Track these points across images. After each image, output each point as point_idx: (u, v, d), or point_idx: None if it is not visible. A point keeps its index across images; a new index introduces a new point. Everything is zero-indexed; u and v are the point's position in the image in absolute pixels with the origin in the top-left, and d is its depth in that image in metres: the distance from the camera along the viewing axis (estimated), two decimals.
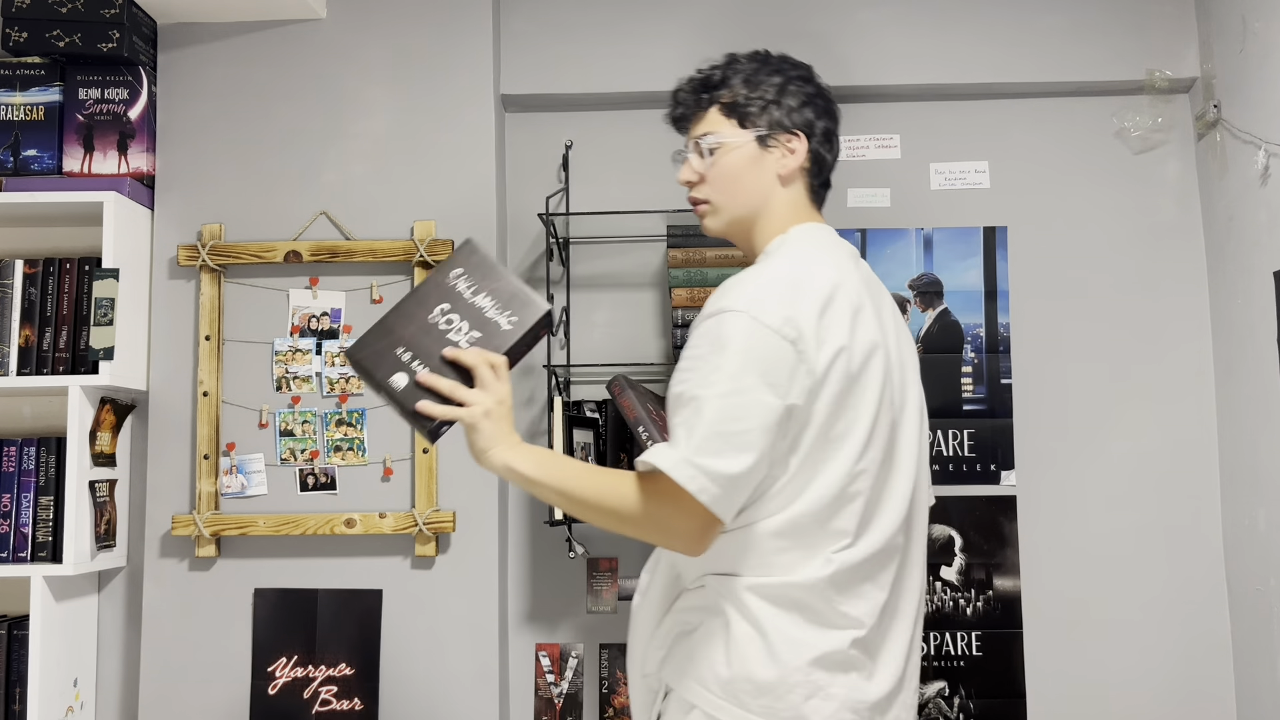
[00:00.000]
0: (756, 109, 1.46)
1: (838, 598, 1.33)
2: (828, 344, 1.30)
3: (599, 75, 2.39)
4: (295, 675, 2.19)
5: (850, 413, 1.33)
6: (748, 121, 1.47)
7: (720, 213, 1.49)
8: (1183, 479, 2.33)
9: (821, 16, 2.38)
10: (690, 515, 1.28)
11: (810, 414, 1.30)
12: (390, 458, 2.25)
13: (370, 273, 2.30)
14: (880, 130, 2.43)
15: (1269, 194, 2.04)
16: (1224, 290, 2.28)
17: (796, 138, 1.47)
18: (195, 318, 2.29)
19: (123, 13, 2.20)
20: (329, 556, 2.24)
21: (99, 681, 2.28)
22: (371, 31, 2.35)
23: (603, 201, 2.39)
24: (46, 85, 2.27)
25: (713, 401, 1.28)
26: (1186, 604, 2.30)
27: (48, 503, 2.14)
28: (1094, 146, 2.40)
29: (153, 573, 2.25)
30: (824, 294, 1.32)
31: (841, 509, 1.33)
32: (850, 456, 1.33)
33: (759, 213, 1.48)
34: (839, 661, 1.32)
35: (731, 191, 1.48)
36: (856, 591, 1.34)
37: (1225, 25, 2.21)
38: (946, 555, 2.33)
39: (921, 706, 2.30)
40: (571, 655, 2.33)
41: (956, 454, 2.35)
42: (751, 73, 1.48)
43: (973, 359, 2.37)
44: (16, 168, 2.24)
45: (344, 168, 2.32)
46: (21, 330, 2.17)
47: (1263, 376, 2.09)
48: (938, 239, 2.39)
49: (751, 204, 1.47)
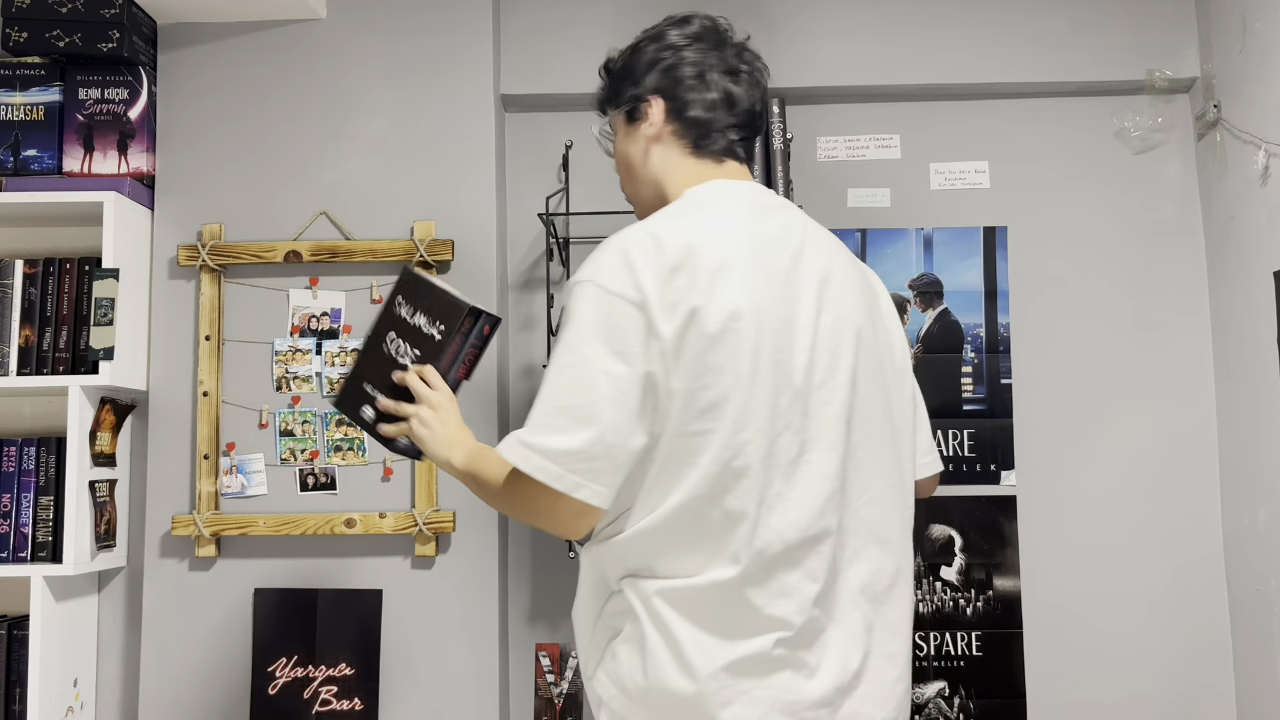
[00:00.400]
0: (617, 90, 1.49)
1: (757, 597, 1.25)
2: (680, 306, 1.24)
3: (599, 75, 2.38)
4: (295, 675, 2.19)
5: (717, 379, 1.25)
6: (612, 104, 1.50)
7: (633, 199, 1.51)
8: (1183, 479, 2.33)
9: (821, 16, 2.38)
10: (544, 496, 1.24)
11: (671, 383, 1.24)
12: (390, 458, 2.25)
13: (370, 273, 2.30)
14: (880, 130, 2.43)
15: (1269, 194, 2.04)
16: (1224, 290, 2.28)
17: (648, 102, 1.44)
18: (195, 318, 2.29)
19: (123, 13, 2.20)
20: (329, 556, 2.24)
21: (99, 681, 2.28)
22: (371, 31, 2.35)
23: (603, 201, 2.39)
24: (46, 85, 2.27)
25: (554, 376, 1.26)
26: (1186, 604, 2.30)
27: (48, 503, 2.14)
28: (1094, 146, 2.41)
29: (153, 573, 2.25)
30: (676, 254, 1.26)
31: (732, 486, 1.25)
32: (727, 428, 1.24)
33: (658, 186, 1.45)
34: (762, 664, 1.25)
35: (627, 175, 1.50)
36: (779, 587, 1.26)
37: (1225, 25, 2.21)
38: (946, 555, 2.33)
39: (921, 707, 2.30)
40: (571, 655, 2.33)
41: (956, 454, 2.35)
42: (625, 51, 1.51)
43: (973, 359, 2.37)
44: (16, 168, 2.24)
45: (344, 168, 2.32)
46: (21, 330, 2.17)
47: (1263, 376, 2.09)
48: (938, 239, 2.39)
49: (647, 180, 1.46)
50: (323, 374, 2.27)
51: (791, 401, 1.28)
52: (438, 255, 2.26)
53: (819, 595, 1.28)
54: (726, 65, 1.45)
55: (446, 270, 2.29)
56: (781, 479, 1.27)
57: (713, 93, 1.43)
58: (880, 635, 1.33)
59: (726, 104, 1.44)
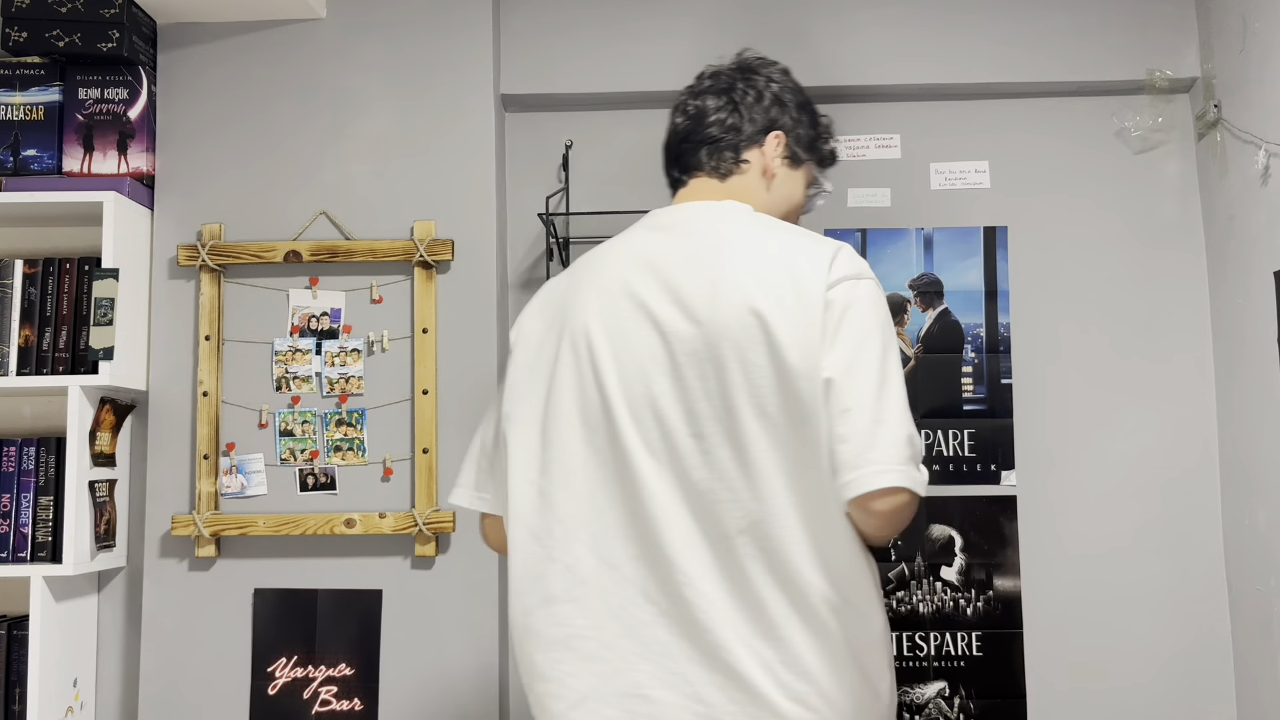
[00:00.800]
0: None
1: (532, 616, 1.36)
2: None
3: (599, 75, 2.39)
4: (295, 675, 2.19)
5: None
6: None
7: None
8: (1183, 479, 2.33)
9: (821, 16, 2.38)
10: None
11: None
12: (390, 458, 2.25)
13: (370, 273, 2.30)
14: (880, 130, 2.43)
15: (1269, 194, 2.04)
16: (1224, 290, 2.28)
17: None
18: (195, 318, 2.29)
19: (122, 13, 2.20)
20: (329, 556, 2.24)
21: (99, 681, 2.28)
22: (371, 31, 2.35)
23: (603, 201, 2.39)
24: (46, 85, 2.27)
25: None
26: (1186, 604, 2.30)
27: (47, 503, 2.14)
28: (1094, 146, 2.40)
29: (153, 573, 2.25)
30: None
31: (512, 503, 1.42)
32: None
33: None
34: (532, 674, 1.36)
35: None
36: (535, 592, 1.36)
37: (1225, 25, 2.21)
38: (946, 555, 2.33)
39: (921, 707, 2.30)
40: None
41: (956, 454, 2.35)
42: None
43: (973, 359, 2.37)
44: (16, 168, 2.24)
45: (344, 167, 2.32)
46: (21, 330, 2.17)
47: (1263, 376, 2.09)
48: (938, 239, 2.39)
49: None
50: (322, 374, 2.27)
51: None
52: (437, 255, 2.26)
53: (553, 608, 1.46)
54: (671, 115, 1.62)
55: (446, 270, 2.29)
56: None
57: (672, 131, 1.61)
58: (627, 649, 1.40)
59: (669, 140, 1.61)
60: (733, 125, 1.50)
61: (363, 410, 2.26)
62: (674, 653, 1.28)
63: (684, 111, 1.54)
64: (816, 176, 1.58)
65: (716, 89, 1.53)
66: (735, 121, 1.50)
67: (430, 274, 2.27)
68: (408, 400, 2.26)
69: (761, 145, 1.51)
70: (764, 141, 1.51)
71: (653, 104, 2.42)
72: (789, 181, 1.53)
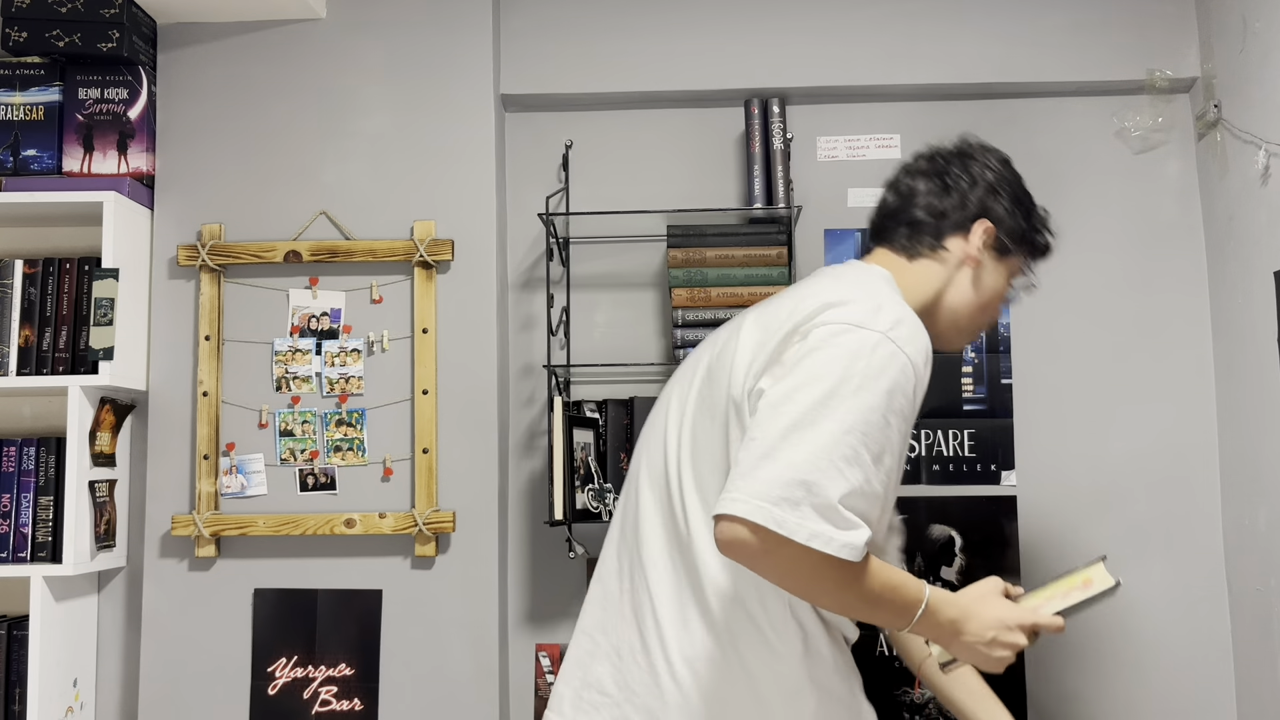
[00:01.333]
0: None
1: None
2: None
3: (599, 75, 2.39)
4: (295, 675, 2.19)
5: None
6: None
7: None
8: (1183, 479, 2.33)
9: (821, 15, 2.38)
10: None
11: None
12: (390, 458, 2.25)
13: (370, 273, 2.30)
14: (880, 130, 2.43)
15: (1269, 194, 2.04)
16: (1224, 290, 2.28)
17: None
18: (195, 318, 2.29)
19: (122, 13, 2.20)
20: (329, 556, 2.24)
21: (99, 681, 2.28)
22: (371, 31, 2.34)
23: (603, 201, 2.39)
24: (46, 85, 2.27)
25: None
26: (1186, 604, 2.30)
27: (47, 503, 2.14)
28: (1094, 146, 2.40)
29: (153, 573, 2.25)
30: None
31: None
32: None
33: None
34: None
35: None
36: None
37: (1225, 25, 2.21)
38: (946, 555, 2.33)
39: (922, 706, 2.30)
40: None
41: (956, 454, 2.35)
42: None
43: (973, 359, 2.37)
44: (16, 168, 2.24)
45: (343, 167, 2.32)
46: (21, 330, 2.17)
47: (1263, 376, 2.08)
48: None
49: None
50: (322, 374, 2.27)
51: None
52: (437, 255, 2.26)
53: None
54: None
55: (446, 270, 2.29)
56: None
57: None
58: (598, 635, 1.57)
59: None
60: (940, 210, 1.50)
61: (363, 410, 2.26)
62: None
63: (895, 189, 1.55)
64: (1025, 269, 1.58)
65: (931, 171, 1.53)
66: (943, 206, 1.50)
67: (430, 274, 2.27)
68: (408, 400, 2.26)
69: (967, 233, 1.50)
70: (971, 229, 1.50)
71: (652, 104, 2.43)
72: (993, 272, 1.53)
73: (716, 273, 2.27)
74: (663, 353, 2.40)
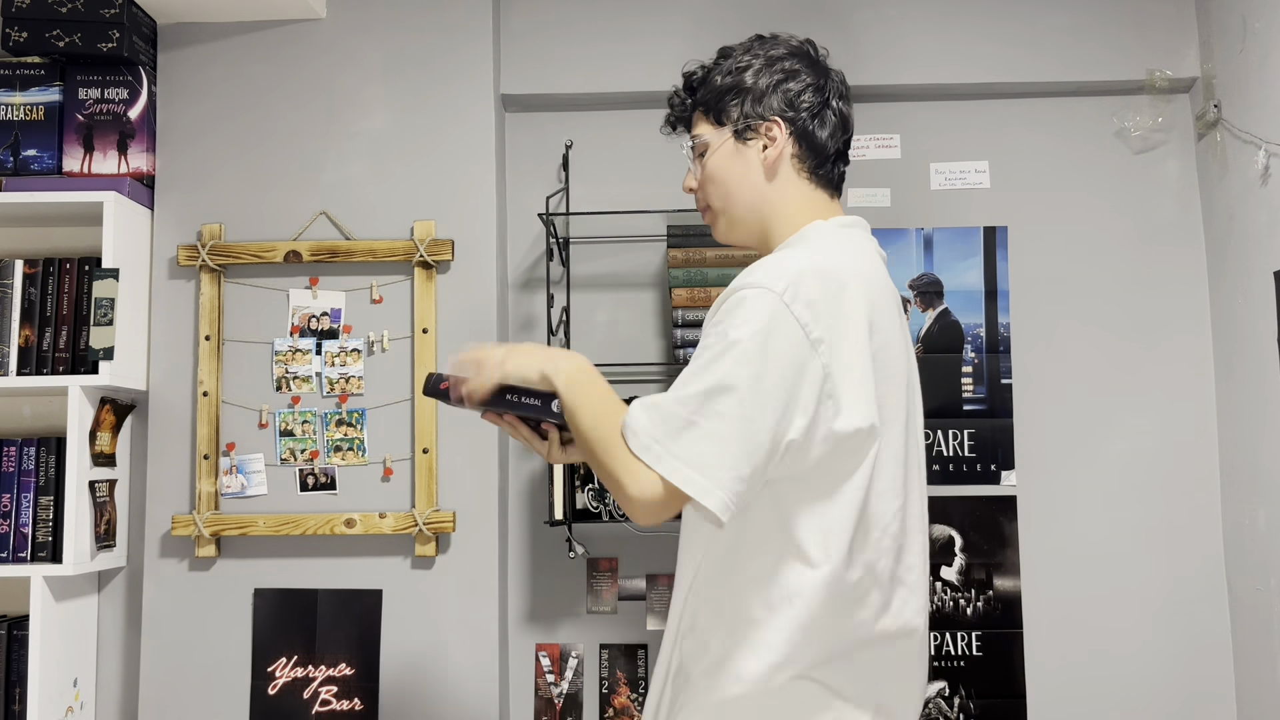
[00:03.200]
0: (730, 102, 1.40)
1: None
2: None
3: (599, 75, 2.39)
4: (295, 675, 2.19)
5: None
6: (723, 117, 1.41)
7: (719, 217, 1.45)
8: (1183, 479, 2.33)
9: (821, 16, 2.38)
10: None
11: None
12: (390, 458, 2.25)
13: (370, 273, 2.30)
14: (880, 130, 2.43)
15: (1269, 194, 2.04)
16: (1224, 290, 2.28)
17: (774, 124, 1.39)
18: (195, 318, 2.29)
19: (123, 13, 2.20)
20: (329, 556, 2.24)
21: (99, 681, 2.28)
22: (371, 31, 2.35)
23: (603, 201, 2.39)
24: (46, 85, 2.27)
25: None
26: (1186, 604, 2.30)
27: (48, 503, 2.14)
28: (1094, 146, 2.40)
29: (153, 573, 2.25)
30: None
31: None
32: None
33: (762, 213, 1.41)
34: None
35: (723, 194, 1.42)
36: None
37: (1225, 25, 2.21)
38: (946, 555, 2.33)
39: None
40: (571, 655, 2.33)
41: (956, 454, 2.35)
42: (729, 65, 1.42)
43: (973, 359, 2.37)
44: (16, 168, 2.24)
45: (344, 167, 2.32)
46: (21, 330, 2.17)
47: (1263, 376, 2.09)
48: (938, 239, 2.39)
49: (748, 204, 1.41)
50: (322, 374, 2.27)
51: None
52: (437, 255, 2.26)
53: None
54: (838, 89, 1.43)
55: (446, 270, 2.29)
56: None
57: (834, 118, 1.42)
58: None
59: (842, 129, 1.43)
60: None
61: (363, 410, 2.26)
62: None
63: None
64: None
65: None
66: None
67: (430, 274, 2.27)
68: (408, 400, 2.26)
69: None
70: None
71: (652, 104, 2.42)
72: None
73: (717, 273, 2.27)
74: (663, 353, 2.40)
